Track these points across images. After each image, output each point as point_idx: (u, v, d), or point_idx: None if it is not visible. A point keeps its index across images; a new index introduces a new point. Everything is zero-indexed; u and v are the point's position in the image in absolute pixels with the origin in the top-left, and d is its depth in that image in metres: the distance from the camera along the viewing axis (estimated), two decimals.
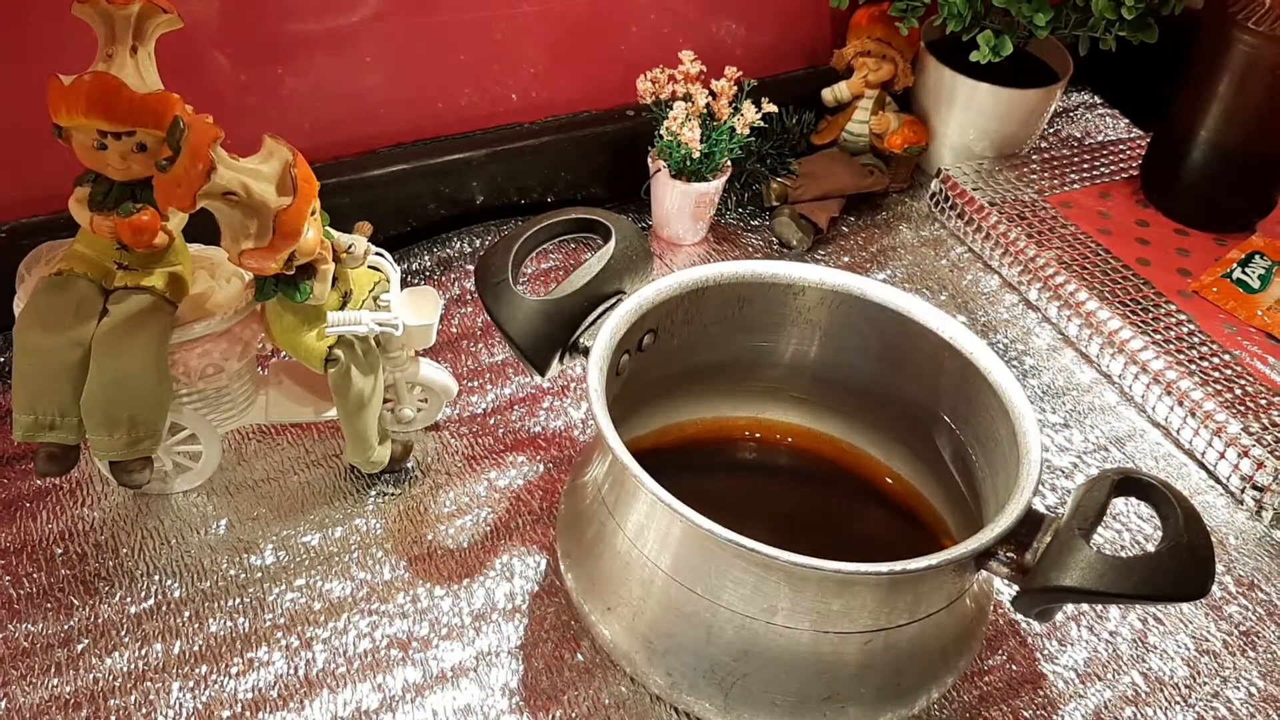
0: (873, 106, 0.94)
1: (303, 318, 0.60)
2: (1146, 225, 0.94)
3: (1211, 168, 0.91)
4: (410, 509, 0.68)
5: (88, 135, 0.54)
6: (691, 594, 0.52)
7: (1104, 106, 1.12)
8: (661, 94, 0.85)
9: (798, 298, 0.64)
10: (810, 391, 0.69)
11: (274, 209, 0.53)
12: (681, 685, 0.54)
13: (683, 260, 0.89)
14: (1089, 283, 0.86)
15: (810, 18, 0.98)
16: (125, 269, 0.58)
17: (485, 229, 0.89)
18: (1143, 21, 0.86)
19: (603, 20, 0.88)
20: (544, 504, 0.69)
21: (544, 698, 0.59)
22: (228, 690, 0.58)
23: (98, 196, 0.57)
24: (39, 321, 0.57)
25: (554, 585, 0.64)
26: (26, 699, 0.57)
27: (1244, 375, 0.79)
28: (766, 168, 0.94)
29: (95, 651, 0.59)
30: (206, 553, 0.64)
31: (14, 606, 0.61)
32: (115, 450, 0.58)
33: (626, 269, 0.62)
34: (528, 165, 0.90)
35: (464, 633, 0.62)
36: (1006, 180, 0.96)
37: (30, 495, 0.67)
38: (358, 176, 0.83)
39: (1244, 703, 0.63)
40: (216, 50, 0.75)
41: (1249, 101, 0.86)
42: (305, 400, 0.68)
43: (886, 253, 0.93)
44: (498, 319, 0.59)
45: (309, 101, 0.80)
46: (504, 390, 0.77)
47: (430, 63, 0.83)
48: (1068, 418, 0.80)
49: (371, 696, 0.58)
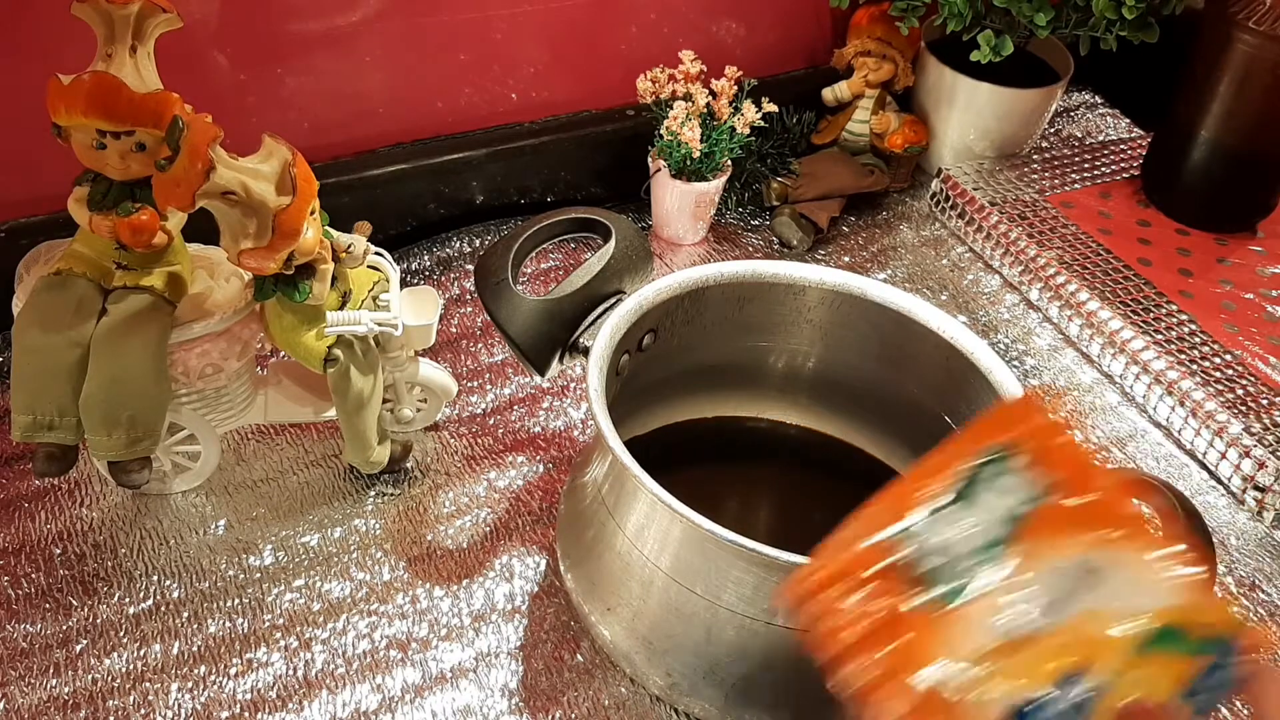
0: (873, 106, 0.94)
1: (302, 317, 0.60)
2: (1147, 225, 0.94)
3: (1212, 167, 0.91)
4: (409, 509, 0.68)
5: (87, 135, 0.54)
6: (691, 594, 0.52)
7: (1104, 106, 1.12)
8: (661, 94, 0.85)
9: (798, 297, 0.64)
10: (810, 391, 0.69)
11: (273, 209, 0.53)
12: (681, 685, 0.54)
13: (683, 260, 0.89)
14: (1090, 283, 0.86)
15: (810, 17, 0.98)
16: (124, 269, 0.58)
17: (485, 229, 0.89)
18: (1143, 21, 0.86)
19: (603, 20, 0.88)
20: (544, 504, 0.69)
21: (544, 698, 0.59)
22: (226, 691, 0.58)
23: (97, 196, 0.56)
24: (38, 321, 0.57)
25: (554, 586, 0.64)
26: (25, 700, 0.57)
27: (1245, 375, 0.79)
28: (767, 167, 0.94)
29: (94, 652, 0.59)
30: (205, 553, 0.64)
31: (12, 607, 0.61)
32: (114, 450, 0.58)
33: (626, 269, 0.62)
34: (528, 165, 0.90)
35: (463, 633, 0.62)
36: (1007, 180, 0.96)
37: (29, 495, 0.66)
38: (357, 176, 0.83)
39: (1245, 703, 0.62)
40: (216, 50, 0.75)
41: (1249, 101, 0.86)
42: (304, 400, 0.68)
43: (887, 252, 0.93)
44: (497, 319, 0.59)
45: (308, 101, 0.80)
46: (504, 390, 0.77)
47: (430, 63, 0.83)
48: (1068, 418, 0.80)
49: (371, 697, 0.58)
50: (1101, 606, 0.31)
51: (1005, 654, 0.30)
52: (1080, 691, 0.30)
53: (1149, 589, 0.31)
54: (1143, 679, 0.30)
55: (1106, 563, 0.32)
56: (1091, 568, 0.31)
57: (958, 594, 0.31)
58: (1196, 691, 0.30)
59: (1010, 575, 0.31)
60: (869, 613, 0.31)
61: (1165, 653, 0.31)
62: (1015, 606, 0.31)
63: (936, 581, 0.31)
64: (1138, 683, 0.30)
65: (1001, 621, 0.31)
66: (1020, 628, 0.30)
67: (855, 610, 0.31)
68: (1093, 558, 0.32)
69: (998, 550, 0.32)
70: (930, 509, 0.32)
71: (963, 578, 0.31)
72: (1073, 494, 0.33)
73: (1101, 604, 0.31)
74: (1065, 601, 0.31)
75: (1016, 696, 0.30)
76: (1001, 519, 0.32)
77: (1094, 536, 0.32)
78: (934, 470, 0.33)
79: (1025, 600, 0.31)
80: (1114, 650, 0.30)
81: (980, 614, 0.31)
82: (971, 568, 0.31)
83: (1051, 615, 0.31)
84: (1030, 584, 0.31)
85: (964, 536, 0.32)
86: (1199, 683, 0.31)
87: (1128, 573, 0.31)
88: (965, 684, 0.30)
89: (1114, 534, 0.32)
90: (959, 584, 0.31)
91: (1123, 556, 0.32)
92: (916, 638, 0.31)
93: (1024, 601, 0.31)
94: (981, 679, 0.30)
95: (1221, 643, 0.31)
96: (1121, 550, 0.32)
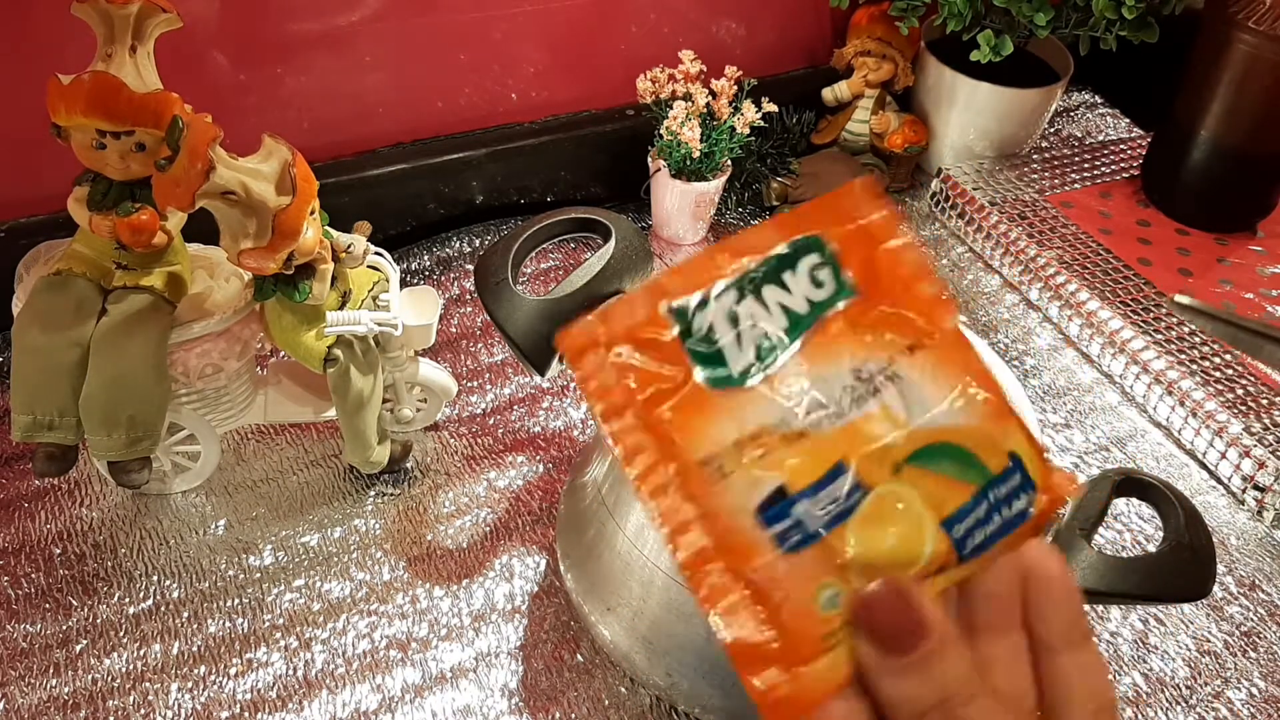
0: (873, 106, 0.94)
1: (302, 317, 0.60)
2: (1147, 225, 0.94)
3: (1212, 167, 0.91)
4: (409, 509, 0.68)
5: (87, 135, 0.54)
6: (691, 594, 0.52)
7: (1104, 106, 1.12)
8: (661, 93, 0.85)
9: None
10: None
11: (273, 209, 0.53)
12: (681, 685, 0.54)
13: (682, 260, 0.89)
14: (1090, 282, 0.86)
15: (810, 17, 0.98)
16: (124, 269, 0.58)
17: (485, 229, 0.89)
18: (1143, 21, 0.86)
19: (603, 20, 0.88)
20: (544, 504, 0.69)
21: (544, 698, 0.59)
22: (226, 691, 0.58)
23: (97, 196, 0.56)
24: (38, 321, 0.57)
25: (554, 586, 0.64)
26: (25, 699, 0.57)
27: (1245, 375, 0.79)
28: (766, 167, 0.94)
29: (94, 652, 0.59)
30: (205, 553, 0.64)
31: (12, 607, 0.61)
32: (114, 450, 0.58)
33: (626, 269, 0.62)
34: (528, 165, 0.90)
35: (463, 633, 0.62)
36: (1007, 180, 0.96)
37: (29, 495, 0.66)
38: (357, 176, 0.83)
39: (1245, 703, 0.62)
40: (216, 50, 0.75)
41: (1249, 101, 0.86)
42: (304, 400, 0.68)
43: None
44: (497, 319, 0.59)
45: (308, 101, 0.80)
46: (504, 390, 0.77)
47: (430, 63, 0.83)
48: (1069, 418, 0.80)
49: (370, 697, 0.58)
50: (885, 412, 0.30)
51: (783, 443, 0.29)
52: (848, 487, 0.29)
53: (944, 405, 0.30)
54: (905, 493, 0.29)
55: (906, 371, 0.30)
56: (891, 374, 0.30)
57: (745, 376, 0.30)
58: (956, 520, 0.29)
59: (800, 367, 0.30)
60: (649, 374, 0.30)
61: (937, 471, 0.30)
62: (799, 399, 0.30)
63: (722, 360, 0.30)
64: (899, 495, 0.29)
65: (781, 411, 0.29)
66: (800, 422, 0.29)
67: (635, 370, 0.30)
68: (893, 365, 0.30)
69: (792, 341, 0.30)
70: (728, 284, 0.30)
71: (749, 360, 0.30)
72: (885, 301, 0.32)
73: (886, 409, 0.30)
74: (853, 403, 0.30)
75: (785, 479, 0.29)
76: (802, 309, 0.31)
77: (898, 343, 0.31)
78: (741, 247, 0.31)
79: (808, 394, 0.30)
80: (888, 456, 0.29)
81: (761, 399, 0.30)
82: (761, 351, 0.30)
83: (834, 414, 0.29)
84: (820, 379, 0.30)
85: (758, 319, 0.30)
86: (961, 511, 0.29)
87: (925, 387, 0.30)
88: (735, 462, 0.29)
89: (922, 344, 0.31)
90: (745, 366, 0.30)
91: (925, 369, 0.30)
92: (694, 408, 0.29)
93: (807, 395, 0.30)
94: (754, 460, 0.29)
95: (1000, 479, 0.30)
96: (925, 363, 0.31)
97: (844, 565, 0.29)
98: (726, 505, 0.29)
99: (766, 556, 0.29)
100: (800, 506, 0.29)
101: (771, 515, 0.29)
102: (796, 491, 0.29)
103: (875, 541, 0.29)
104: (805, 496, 0.29)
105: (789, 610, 0.29)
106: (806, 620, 0.29)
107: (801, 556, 0.29)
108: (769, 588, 0.29)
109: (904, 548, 0.29)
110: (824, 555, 0.29)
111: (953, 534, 0.29)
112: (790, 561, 0.29)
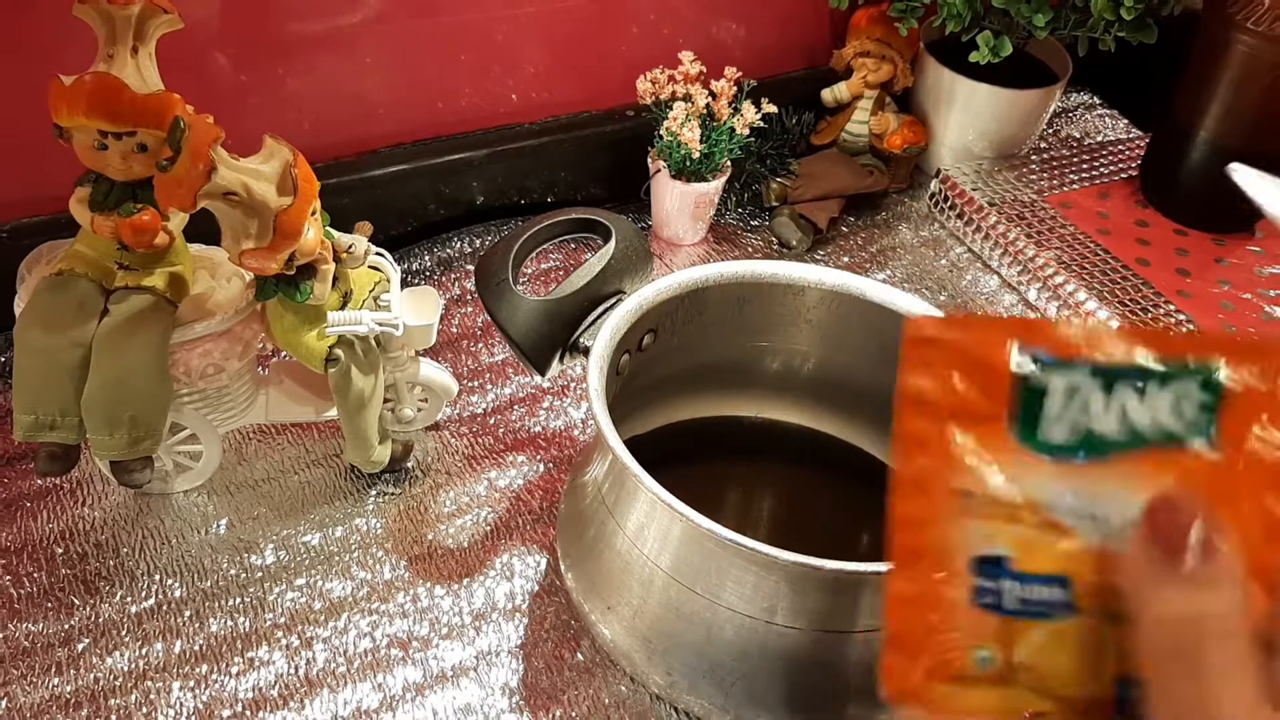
0: (872, 107, 0.94)
1: (303, 318, 0.60)
2: (1146, 225, 0.94)
3: (1211, 168, 0.91)
4: (410, 509, 0.68)
5: (88, 135, 0.54)
6: (691, 594, 0.52)
7: (1103, 107, 1.12)
8: (661, 94, 0.86)
9: (798, 298, 0.64)
10: (810, 391, 0.69)
11: (274, 209, 0.53)
12: (681, 685, 0.54)
13: (683, 260, 0.90)
14: (1088, 283, 0.86)
15: (810, 18, 0.98)
16: (126, 269, 0.58)
17: (485, 229, 0.90)
18: (1142, 22, 0.86)
19: (603, 20, 0.88)
20: (544, 504, 0.69)
21: (544, 697, 0.59)
22: (228, 690, 0.58)
23: (98, 197, 0.57)
24: (40, 321, 0.57)
25: (554, 585, 0.64)
26: (27, 698, 0.57)
27: None
28: (766, 168, 0.94)
29: (96, 651, 0.59)
30: (207, 552, 0.65)
31: (14, 606, 0.61)
32: (116, 450, 0.58)
33: (626, 269, 0.62)
34: (528, 165, 0.90)
35: (464, 632, 0.62)
36: (1006, 180, 0.96)
37: (31, 495, 0.67)
38: (358, 176, 0.83)
39: None
40: (217, 50, 0.75)
41: (1248, 101, 0.87)
42: (306, 400, 0.68)
43: (886, 253, 0.93)
44: (498, 319, 0.59)
45: (309, 102, 0.80)
46: (504, 390, 0.77)
47: (430, 63, 0.83)
48: None
49: (372, 696, 0.58)
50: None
51: (1036, 523, 0.29)
52: (1059, 599, 0.29)
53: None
54: (1105, 638, 0.29)
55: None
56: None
57: (1051, 448, 0.30)
58: (1133, 684, 0.29)
59: (1104, 473, 0.29)
60: (969, 389, 0.30)
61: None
62: (1081, 500, 0.29)
63: (1038, 421, 0.30)
64: (1101, 636, 0.29)
65: (1058, 499, 0.29)
66: (1066, 518, 0.29)
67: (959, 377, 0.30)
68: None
69: (1115, 449, 0.30)
70: (1093, 366, 0.29)
71: (1062, 436, 0.29)
72: (1244, 491, 0.29)
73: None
74: (1123, 540, 0.29)
75: (1013, 555, 0.29)
76: (1145, 426, 0.30)
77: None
78: (1134, 340, 0.30)
79: (1094, 504, 0.29)
80: (1115, 603, 0.29)
81: (1048, 475, 0.29)
82: (1078, 436, 0.30)
83: (1102, 534, 0.29)
84: (1114, 498, 0.29)
85: (1091, 406, 0.30)
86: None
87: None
88: (984, 512, 0.29)
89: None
90: (1056, 440, 0.30)
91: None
92: (988, 443, 0.29)
93: (1092, 503, 0.29)
94: (1001, 519, 0.29)
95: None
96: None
97: (1010, 645, 0.30)
98: (954, 538, 0.30)
99: (960, 591, 0.30)
100: (1008, 583, 0.30)
101: (985, 570, 0.30)
102: (1016, 569, 0.30)
103: (1048, 654, 0.30)
104: (1018, 579, 0.30)
105: (950, 637, 0.30)
106: (957, 653, 0.30)
107: (985, 614, 0.30)
108: (948, 610, 0.30)
109: (1069, 673, 0.30)
110: (1003, 630, 0.30)
111: (1120, 692, 0.30)
112: (975, 610, 0.30)
